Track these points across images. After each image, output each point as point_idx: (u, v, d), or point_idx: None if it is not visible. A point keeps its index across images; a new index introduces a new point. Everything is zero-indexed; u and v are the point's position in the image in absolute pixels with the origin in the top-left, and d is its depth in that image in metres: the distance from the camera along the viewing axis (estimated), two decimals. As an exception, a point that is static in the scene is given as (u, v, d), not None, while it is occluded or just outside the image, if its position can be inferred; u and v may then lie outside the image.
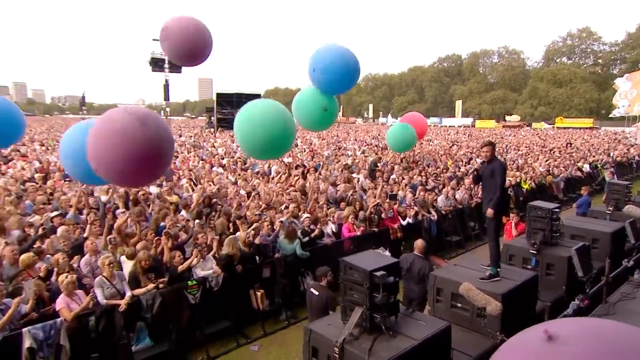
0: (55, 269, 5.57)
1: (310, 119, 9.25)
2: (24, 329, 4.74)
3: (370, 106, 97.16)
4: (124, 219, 6.73)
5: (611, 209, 8.54)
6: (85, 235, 6.57)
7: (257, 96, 45.29)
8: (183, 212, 8.40)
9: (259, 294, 6.69)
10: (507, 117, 72.47)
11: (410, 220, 9.32)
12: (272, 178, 12.22)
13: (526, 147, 24.64)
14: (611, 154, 21.61)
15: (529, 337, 1.49)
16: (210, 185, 10.57)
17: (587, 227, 7.27)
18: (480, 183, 5.33)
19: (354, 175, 12.73)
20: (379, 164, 13.99)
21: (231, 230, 7.54)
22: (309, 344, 3.71)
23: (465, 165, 15.94)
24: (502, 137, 35.76)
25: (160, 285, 5.78)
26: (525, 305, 4.92)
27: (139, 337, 5.69)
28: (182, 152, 18.12)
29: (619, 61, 72.93)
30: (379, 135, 34.34)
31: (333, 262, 8.07)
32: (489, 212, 4.99)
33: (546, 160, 17.26)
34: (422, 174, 13.20)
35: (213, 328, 6.33)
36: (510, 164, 16.56)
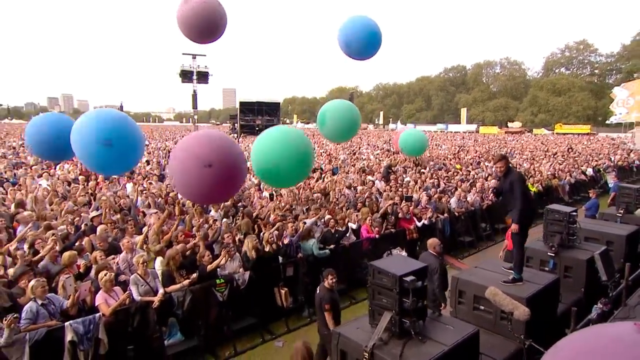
0: (94, 266, 5.45)
1: (337, 133, 8.82)
2: (66, 323, 4.60)
3: (381, 113, 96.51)
4: (161, 221, 6.56)
5: (622, 211, 8.08)
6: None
7: (277, 104, 45.40)
8: (212, 212, 8.24)
9: (283, 292, 6.46)
10: (509, 124, 71.07)
11: (426, 222, 8.98)
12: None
13: (530, 151, 23.95)
14: (612, 158, 20.82)
15: (613, 331, 1.27)
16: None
17: (601, 229, 6.85)
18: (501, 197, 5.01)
19: (369, 177, 12.43)
20: (393, 168, 13.67)
21: (256, 231, 7.34)
22: (337, 347, 3.45)
23: (474, 169, 15.50)
24: (505, 143, 34.91)
25: (193, 277, 5.59)
26: (548, 308, 4.59)
27: (170, 332, 5.52)
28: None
29: (614, 71, 71.23)
30: (389, 140, 33.88)
31: (352, 261, 7.87)
32: (514, 227, 4.67)
33: (551, 165, 16.66)
34: (434, 177, 12.84)
35: (240, 324, 6.11)
36: (517, 168, 16.07)
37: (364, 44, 7.46)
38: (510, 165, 4.83)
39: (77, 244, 6.11)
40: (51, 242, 5.68)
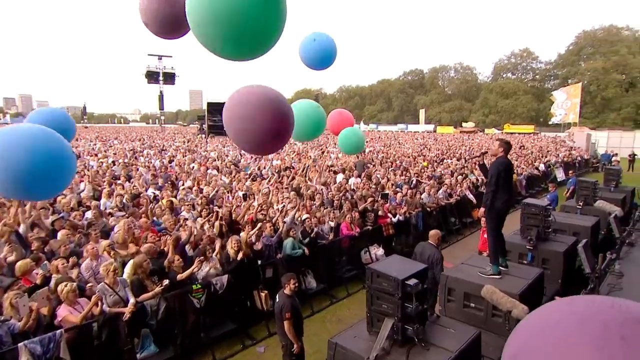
0: (54, 277, 4.73)
1: (303, 131, 8.48)
2: (20, 344, 3.89)
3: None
4: (124, 226, 5.85)
5: (581, 204, 8.21)
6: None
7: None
8: (184, 212, 7.59)
9: (263, 294, 5.97)
10: (464, 124, 73.29)
11: (401, 218, 8.75)
12: (262, 180, 11.42)
13: (487, 149, 24.54)
14: (559, 155, 21.73)
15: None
16: (207, 186, 9.75)
17: (567, 221, 6.86)
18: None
19: (340, 176, 12.09)
20: (368, 165, 13.44)
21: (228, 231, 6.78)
22: (333, 359, 3.04)
23: (439, 166, 15.59)
24: (462, 142, 35.79)
25: (165, 283, 4.97)
26: (536, 302, 4.40)
27: (143, 344, 4.89)
28: (176, 157, 17.06)
29: (552, 77, 75.20)
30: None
31: (331, 260, 7.51)
32: (479, 212, 4.55)
33: (509, 161, 17.04)
34: (405, 174, 12.71)
35: (218, 331, 5.56)
36: (475, 165, 16.32)
37: (319, 58, 7.69)
38: (495, 155, 4.57)
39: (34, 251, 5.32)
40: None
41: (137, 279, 5.02)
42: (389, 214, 8.70)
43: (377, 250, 8.04)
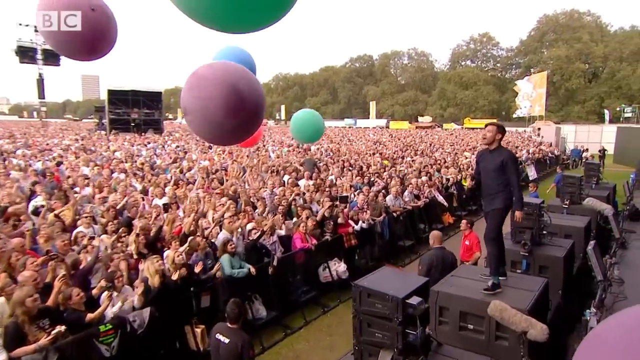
0: None
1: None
2: None
3: (282, 107, 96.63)
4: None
5: (567, 202, 8.66)
6: None
7: (158, 94, 42.16)
8: (81, 228, 6.77)
9: (198, 330, 5.43)
10: (420, 118, 76.77)
11: (364, 225, 8.62)
12: (188, 184, 10.73)
13: (450, 145, 25.70)
14: (530, 151, 23.32)
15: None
16: (114, 193, 8.90)
17: (557, 222, 7.14)
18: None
19: (286, 177, 11.77)
20: (318, 164, 13.26)
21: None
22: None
23: (401, 164, 15.91)
24: (421, 138, 37.23)
25: (57, 331, 4.25)
26: (542, 315, 4.40)
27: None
28: (67, 158, 15.57)
29: (514, 65, 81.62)
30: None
31: (284, 280, 7.14)
32: (518, 215, 4.58)
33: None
34: (362, 174, 12.70)
35: (138, 385, 4.94)
36: (441, 162, 16.90)
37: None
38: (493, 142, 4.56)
39: None
40: None
41: (12, 324, 4.22)
42: (350, 221, 8.53)
43: (339, 266, 7.83)
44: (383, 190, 10.75)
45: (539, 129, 37.12)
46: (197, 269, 5.73)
